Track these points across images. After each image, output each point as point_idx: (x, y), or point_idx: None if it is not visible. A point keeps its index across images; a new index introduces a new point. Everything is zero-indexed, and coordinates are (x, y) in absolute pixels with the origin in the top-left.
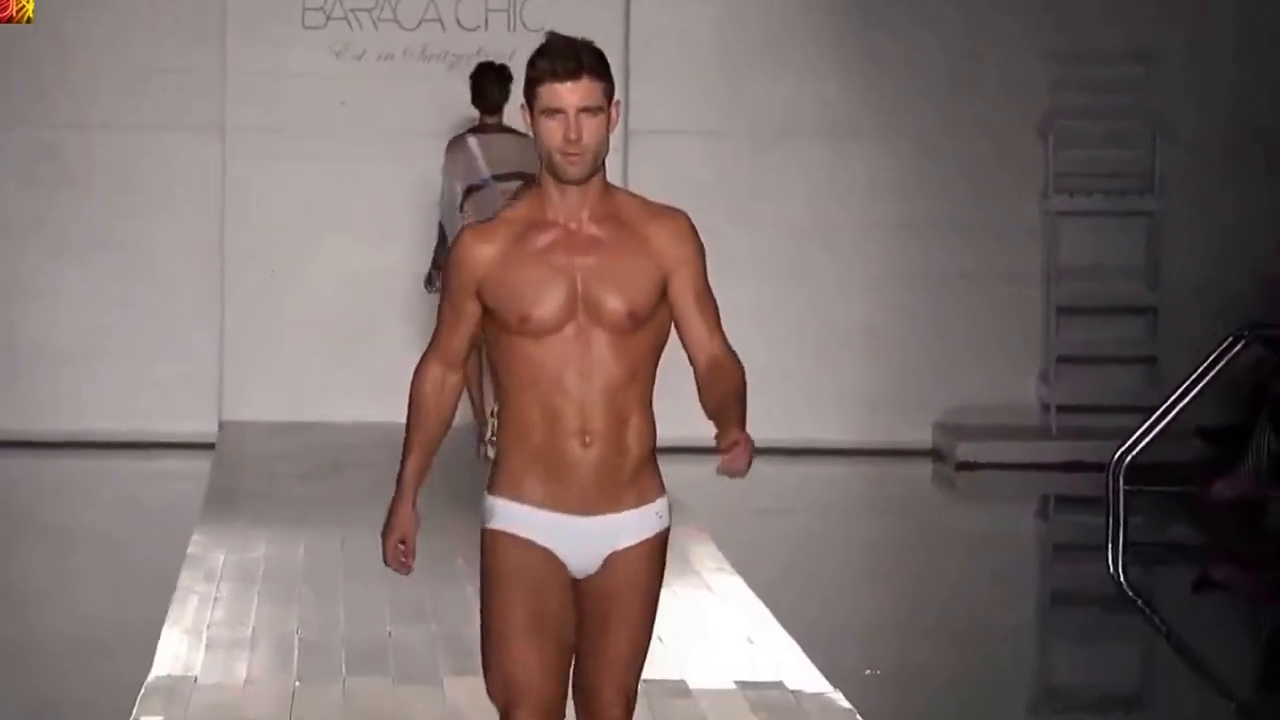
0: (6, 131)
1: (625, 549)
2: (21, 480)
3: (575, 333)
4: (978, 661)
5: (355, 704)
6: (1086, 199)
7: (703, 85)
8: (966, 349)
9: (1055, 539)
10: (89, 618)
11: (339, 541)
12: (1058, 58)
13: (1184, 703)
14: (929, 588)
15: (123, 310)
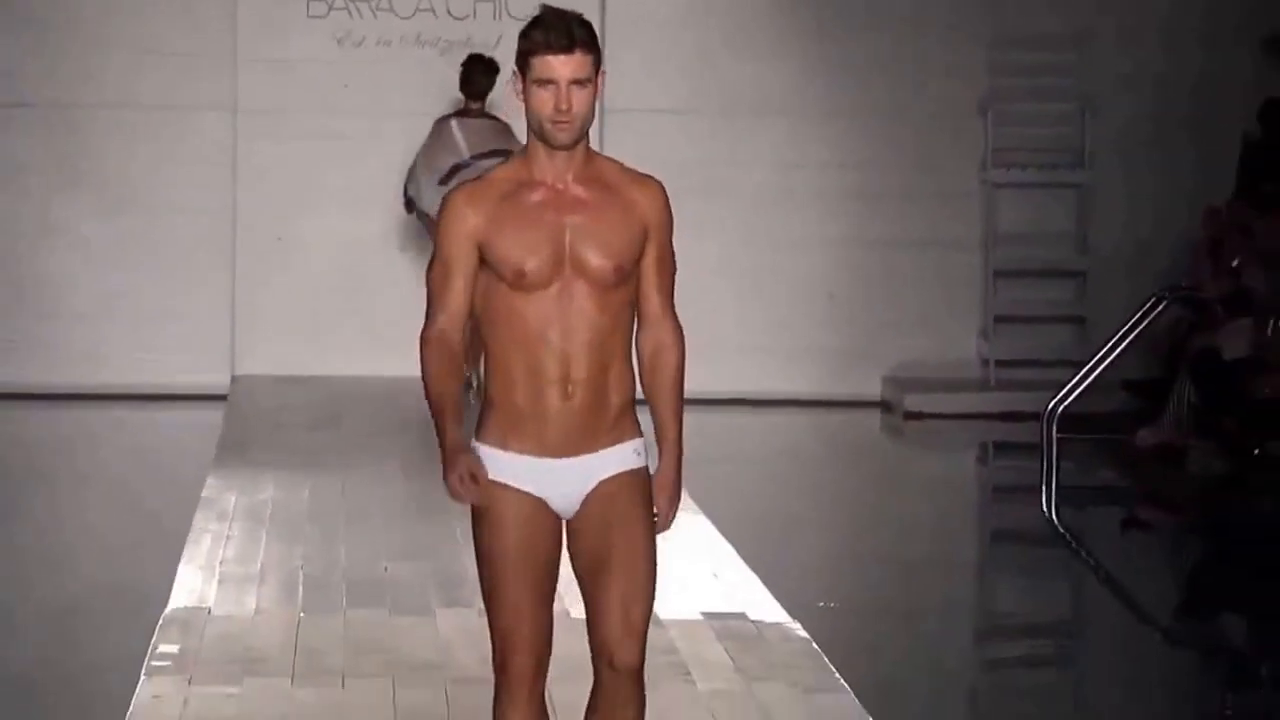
0: (38, 109)
1: (608, 479)
2: (46, 429)
3: (561, 287)
4: (923, 593)
5: (355, 634)
6: (1022, 172)
7: (675, 67)
8: (913, 309)
9: (994, 482)
10: (111, 555)
11: (340, 485)
12: (997, 44)
13: (1112, 630)
14: (879, 527)
15: (141, 273)
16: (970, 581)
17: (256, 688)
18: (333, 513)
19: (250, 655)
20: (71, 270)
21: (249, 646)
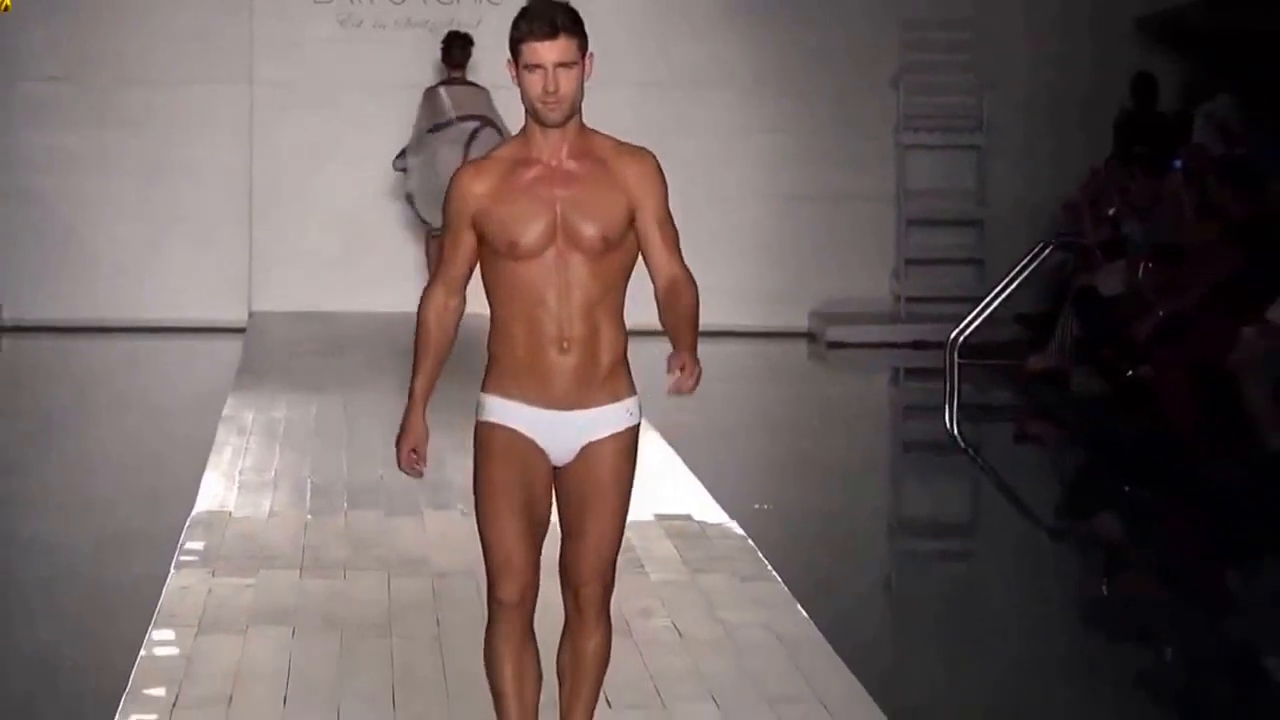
0: (79, 84)
1: (598, 440)
2: (90, 358)
3: (555, 255)
4: (843, 496)
5: (355, 532)
6: (929, 135)
7: (633, 46)
8: (836, 253)
9: (904, 402)
10: (145, 464)
11: (342, 404)
12: (908, 26)
13: (1005, 527)
14: (805, 440)
15: (170, 225)
16: (884, 486)
17: (270, 579)
18: (336, 428)
19: (265, 551)
20: (110, 223)
21: (264, 544)
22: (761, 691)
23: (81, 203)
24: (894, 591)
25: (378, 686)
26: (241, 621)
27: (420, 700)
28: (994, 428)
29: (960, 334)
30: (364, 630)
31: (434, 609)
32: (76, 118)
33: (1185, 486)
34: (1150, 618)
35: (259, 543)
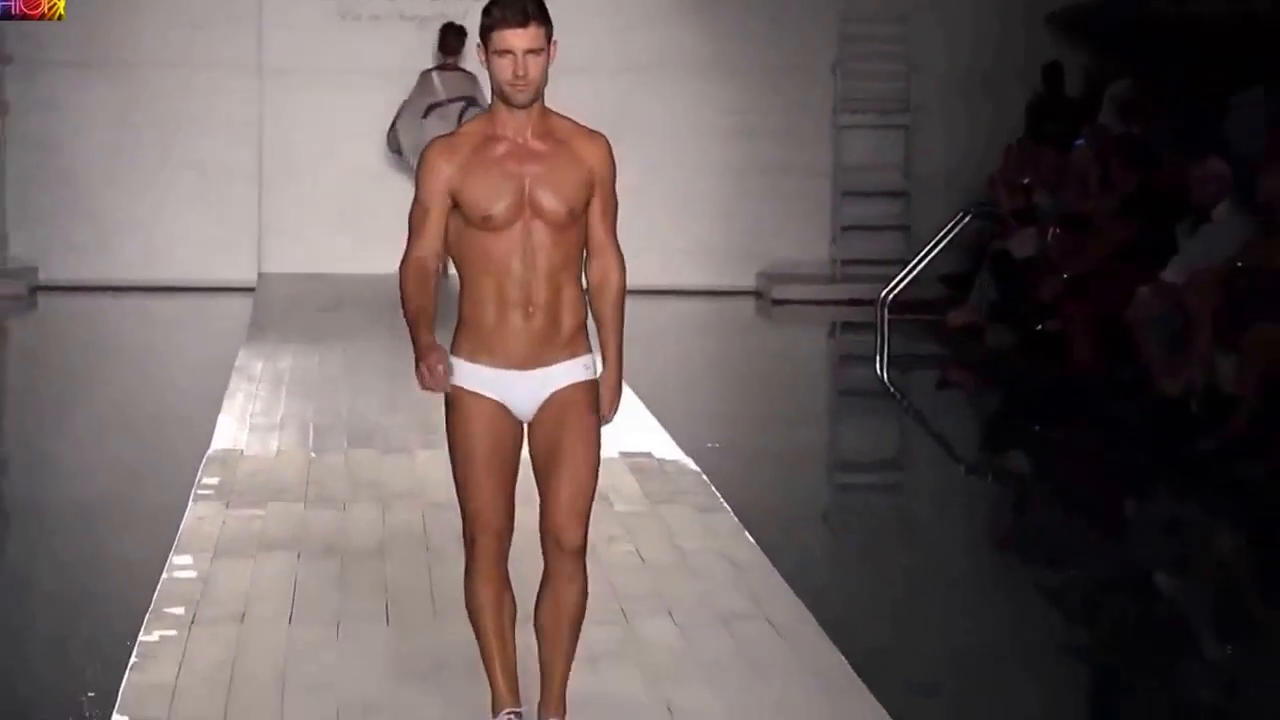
0: (102, 69)
1: (558, 390)
2: (115, 314)
3: (522, 226)
4: (786, 435)
5: (353, 469)
6: (863, 116)
7: (589, 34)
8: (780, 220)
9: (840, 352)
10: (163, 407)
11: (342, 355)
12: (845, 19)
13: (931, 463)
14: (753, 386)
15: (187, 194)
16: (822, 427)
17: (278, 510)
18: (336, 376)
19: (273, 486)
20: (133, 194)
21: (272, 479)
22: (714, 609)
23: (107, 177)
24: (830, 520)
25: (373, 605)
26: (252, 548)
27: (411, 617)
28: (919, 375)
29: (890, 292)
30: (361, 555)
31: (424, 537)
32: (100, 100)
33: (1087, 426)
34: (1055, 540)
35: (268, 478)
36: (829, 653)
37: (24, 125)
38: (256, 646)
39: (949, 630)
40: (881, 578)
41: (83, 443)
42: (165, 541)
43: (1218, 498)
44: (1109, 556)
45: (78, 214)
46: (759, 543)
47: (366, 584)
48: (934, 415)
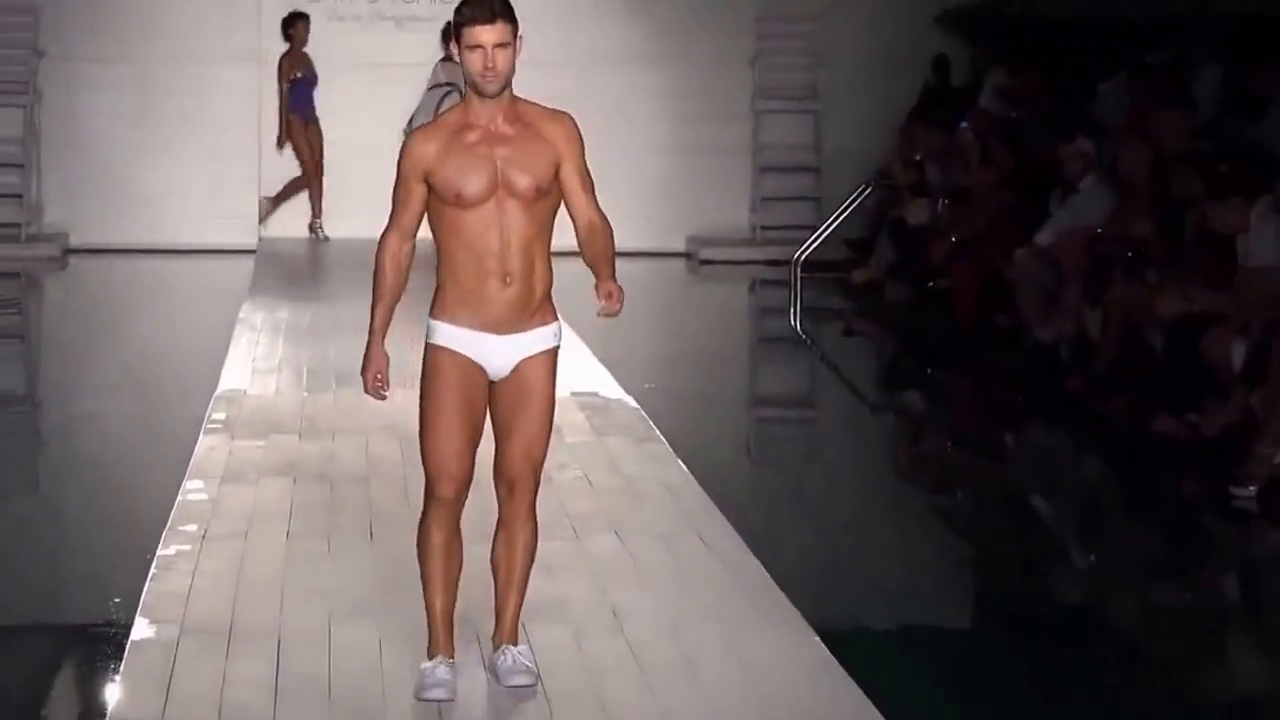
0: (124, 61)
1: (529, 358)
2: (136, 274)
3: (496, 203)
4: (712, 377)
5: (341, 406)
6: (778, 102)
7: (545, 32)
8: (708, 191)
9: (759, 305)
10: (175, 354)
11: (332, 308)
12: (762, 18)
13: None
14: (683, 335)
15: (195, 168)
16: (744, 369)
17: (276, 442)
18: (327, 326)
19: (272, 420)
20: (151, 168)
21: (271, 415)
22: (651, 526)
23: (129, 153)
24: (752, 450)
25: (359, 523)
26: (254, 474)
27: (391, 533)
28: (827, 326)
29: (802, 254)
30: (348, 480)
31: (402, 464)
32: (122, 89)
33: (972, 369)
34: (945, 466)
35: (267, 414)
36: (749, 562)
37: (56, 111)
38: (259, 558)
39: (853, 543)
40: (795, 499)
41: (108, 384)
42: (180, 469)
43: (1083, 429)
44: (991, 479)
45: (103, 187)
46: (689, 469)
47: (353, 505)
48: (840, 360)
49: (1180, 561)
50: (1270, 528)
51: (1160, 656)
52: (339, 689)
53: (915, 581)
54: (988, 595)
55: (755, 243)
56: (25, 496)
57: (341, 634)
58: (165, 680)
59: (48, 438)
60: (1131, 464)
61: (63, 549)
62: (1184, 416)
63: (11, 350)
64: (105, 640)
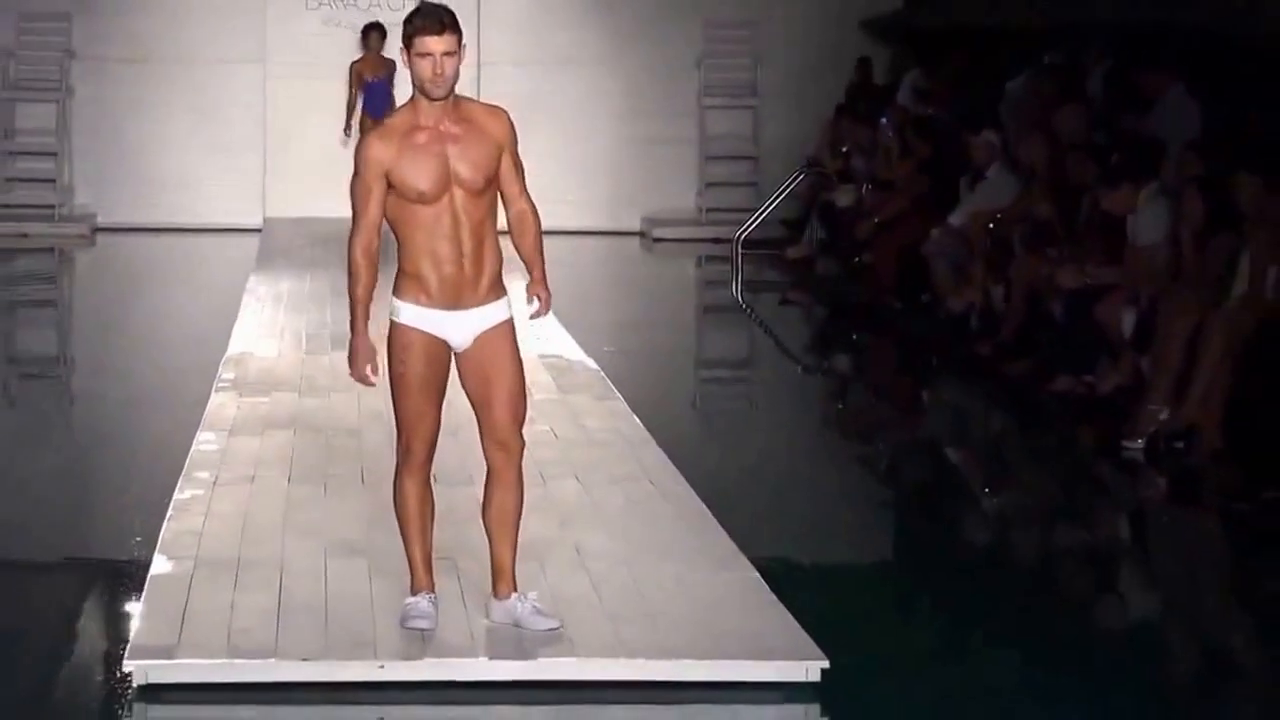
0: (147, 62)
1: (487, 330)
2: (156, 250)
3: (449, 196)
4: (662, 341)
5: (335, 367)
6: (721, 99)
7: (518, 34)
8: (660, 177)
9: (705, 279)
10: (190, 320)
11: (328, 279)
12: (707, 25)
13: (773, 364)
14: (637, 304)
15: (209, 155)
16: (691, 334)
17: (279, 398)
18: (324, 295)
19: (275, 379)
20: (169, 155)
21: (274, 374)
22: (609, 473)
23: (150, 142)
24: (697, 406)
25: (351, 470)
26: (259, 427)
27: (381, 478)
28: (765, 296)
29: (742, 233)
30: (342, 432)
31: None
32: (144, 86)
33: (893, 334)
34: (868, 420)
35: (271, 373)
36: (695, 504)
37: (86, 105)
38: (263, 501)
39: (787, 487)
40: (736, 449)
41: (131, 347)
42: (193, 422)
43: (990, 388)
44: (909, 433)
45: (127, 173)
46: (644, 423)
47: (346, 454)
48: (776, 327)
49: (1076, 505)
50: (1156, 476)
51: (1058, 587)
52: (334, 615)
53: (842, 521)
54: (906, 533)
55: (701, 223)
56: (57, 446)
57: (336, 567)
58: (181, 609)
59: (77, 394)
60: (1033, 419)
61: (89, 493)
62: (1080, 377)
63: (46, 316)
64: (128, 575)
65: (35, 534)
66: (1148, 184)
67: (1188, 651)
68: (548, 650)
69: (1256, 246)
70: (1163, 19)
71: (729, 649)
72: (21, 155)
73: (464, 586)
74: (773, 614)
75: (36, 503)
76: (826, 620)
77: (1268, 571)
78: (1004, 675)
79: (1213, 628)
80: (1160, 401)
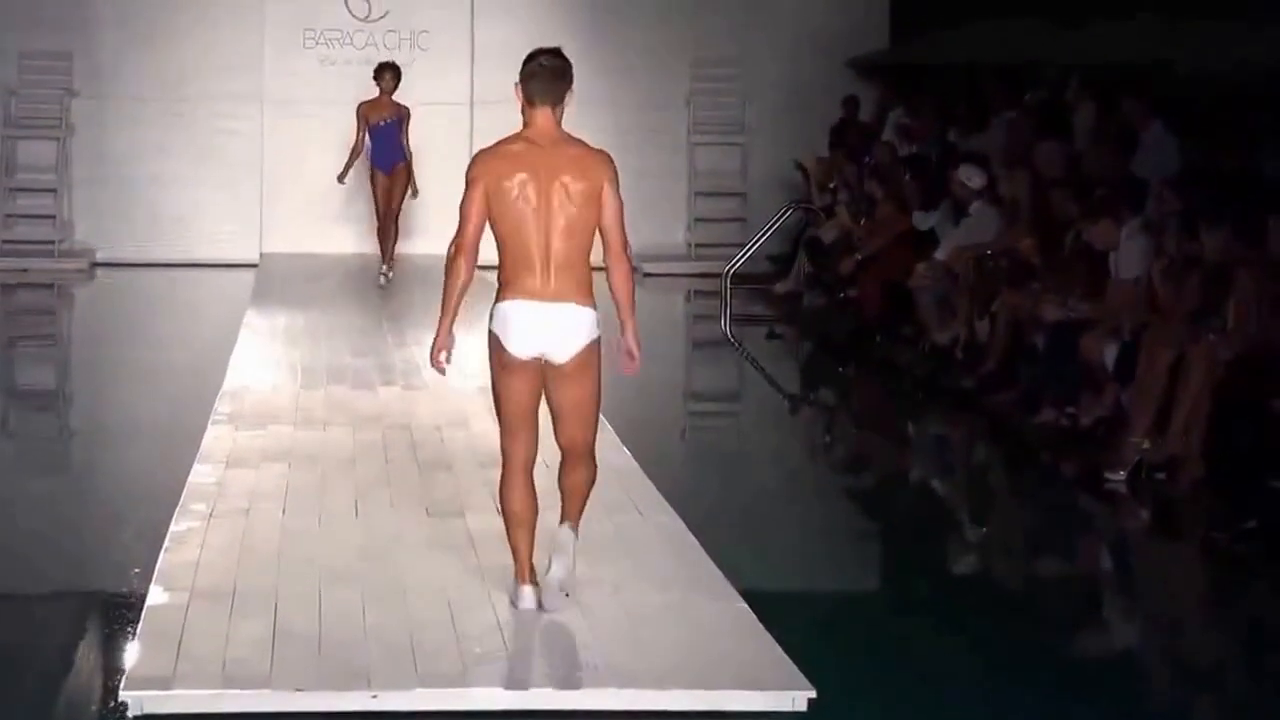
0: (146, 100)
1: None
2: (154, 285)
3: None
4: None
5: (331, 400)
6: (709, 136)
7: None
8: (651, 213)
9: (694, 313)
10: (189, 354)
11: (322, 314)
12: (695, 64)
13: (761, 396)
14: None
15: (209, 193)
16: (681, 367)
17: (274, 431)
18: (317, 329)
19: (270, 412)
20: (168, 193)
21: (270, 407)
22: (600, 503)
23: (148, 179)
24: (686, 437)
25: (346, 503)
26: (255, 459)
27: (374, 512)
28: (753, 330)
29: (731, 268)
30: (337, 465)
31: (384, 451)
32: (144, 123)
33: (878, 367)
34: (854, 451)
35: (267, 406)
36: (684, 535)
37: (87, 142)
38: (258, 533)
39: (774, 518)
40: (725, 481)
41: (129, 381)
42: (190, 454)
43: (975, 420)
44: (894, 464)
45: (125, 209)
46: (633, 453)
47: (340, 487)
48: (764, 360)
49: (1059, 536)
50: (1138, 507)
51: (1042, 618)
52: (328, 646)
53: (829, 552)
54: (892, 564)
55: (690, 258)
56: (55, 478)
57: (330, 598)
58: (176, 639)
59: (76, 427)
60: (1017, 450)
61: (87, 525)
62: (1063, 409)
63: (45, 350)
64: (125, 605)
65: (33, 564)
66: (1129, 221)
67: (1171, 681)
68: (538, 680)
69: (1240, 283)
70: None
71: (716, 678)
72: (22, 192)
73: (454, 614)
74: (760, 644)
75: (35, 533)
76: (813, 650)
77: (1248, 600)
78: (988, 705)
79: (1196, 657)
80: (1142, 433)
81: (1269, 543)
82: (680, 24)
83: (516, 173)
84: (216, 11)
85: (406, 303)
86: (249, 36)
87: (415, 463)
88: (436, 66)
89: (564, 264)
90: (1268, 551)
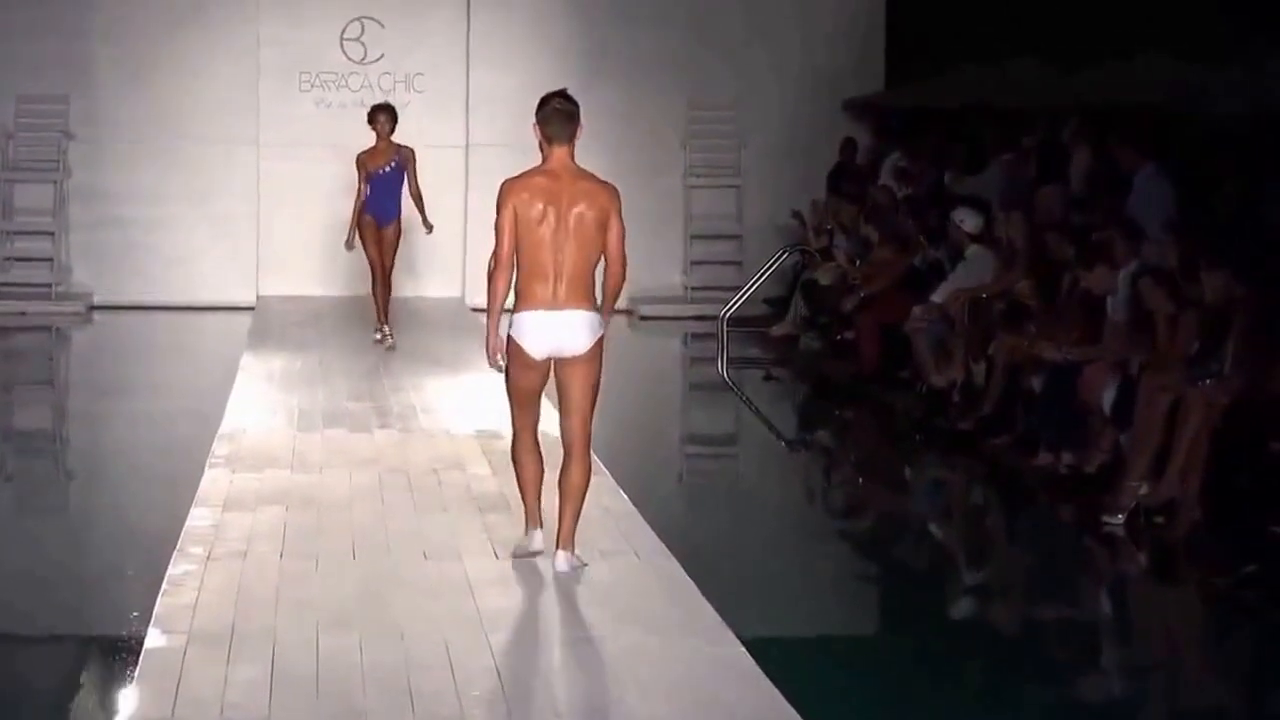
0: (141, 143)
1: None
2: (151, 327)
3: None
4: (650, 416)
5: (327, 443)
6: (705, 179)
7: (506, 118)
8: (645, 256)
9: (691, 355)
10: (186, 397)
11: (319, 358)
12: (691, 105)
13: (758, 440)
14: (625, 380)
15: (205, 236)
16: (677, 410)
17: (271, 475)
18: (314, 374)
19: (267, 456)
20: (165, 236)
21: (267, 451)
22: (596, 546)
23: (145, 223)
24: (683, 480)
25: (343, 545)
26: (252, 502)
27: (370, 554)
28: (749, 373)
29: (727, 311)
30: (333, 508)
31: (380, 493)
32: (140, 166)
33: (875, 410)
34: (851, 495)
35: (264, 450)
36: (681, 578)
37: (83, 185)
38: (256, 576)
39: (771, 561)
40: (720, 523)
41: (126, 424)
42: (187, 498)
43: (972, 463)
44: (892, 508)
45: (122, 252)
46: (629, 496)
47: (337, 529)
48: (761, 403)
49: (1057, 579)
50: (1136, 550)
51: (1041, 661)
52: (325, 688)
53: (826, 595)
54: (890, 607)
55: (687, 301)
56: (53, 522)
57: (327, 641)
58: (175, 682)
59: (73, 470)
60: (1015, 494)
61: (85, 568)
62: (1060, 453)
63: (42, 394)
64: (123, 648)
65: (32, 608)
66: (1127, 264)
67: None
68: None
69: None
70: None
71: None
72: (19, 235)
73: (451, 657)
74: (757, 687)
75: (33, 577)
76: (810, 694)
77: (1247, 644)
78: None
79: (1193, 700)
80: (1140, 476)
81: (1268, 587)
82: (676, 67)
83: (539, 201)
84: (212, 54)
85: (403, 346)
86: (245, 79)
87: (412, 506)
88: (431, 109)
89: (573, 277)
90: (1267, 596)
